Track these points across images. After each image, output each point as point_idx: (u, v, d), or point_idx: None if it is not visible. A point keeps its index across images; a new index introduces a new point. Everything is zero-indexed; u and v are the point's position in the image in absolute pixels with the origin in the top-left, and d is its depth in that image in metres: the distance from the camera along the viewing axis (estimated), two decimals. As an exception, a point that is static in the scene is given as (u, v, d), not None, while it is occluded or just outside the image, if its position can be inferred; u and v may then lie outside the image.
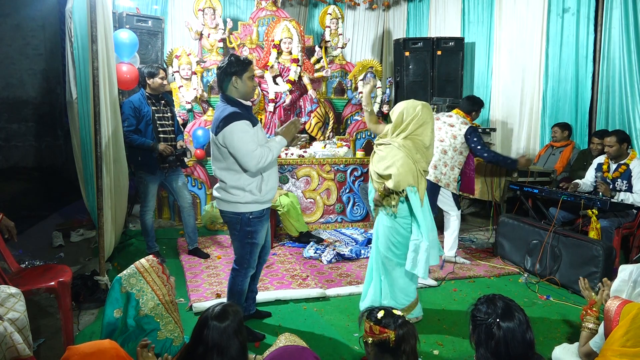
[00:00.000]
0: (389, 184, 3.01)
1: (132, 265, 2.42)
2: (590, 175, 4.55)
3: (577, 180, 4.61)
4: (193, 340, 1.93)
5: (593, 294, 2.75)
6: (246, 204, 2.79)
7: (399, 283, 3.17)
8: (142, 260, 2.45)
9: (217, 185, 2.88)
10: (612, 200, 4.06)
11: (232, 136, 2.65)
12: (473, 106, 4.40)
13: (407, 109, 3.07)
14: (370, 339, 2.03)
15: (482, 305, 1.90)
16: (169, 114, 4.28)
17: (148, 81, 4.13)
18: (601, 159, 4.48)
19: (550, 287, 3.92)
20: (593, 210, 3.93)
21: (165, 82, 4.18)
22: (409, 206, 3.04)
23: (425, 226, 3.01)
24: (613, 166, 4.33)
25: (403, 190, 3.00)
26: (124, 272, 2.40)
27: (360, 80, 6.41)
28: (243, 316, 2.01)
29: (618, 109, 4.99)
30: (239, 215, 2.81)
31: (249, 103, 2.90)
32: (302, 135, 3.10)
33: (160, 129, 4.18)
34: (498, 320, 1.81)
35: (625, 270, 2.65)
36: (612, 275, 3.61)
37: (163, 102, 4.26)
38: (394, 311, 2.06)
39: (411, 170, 3.01)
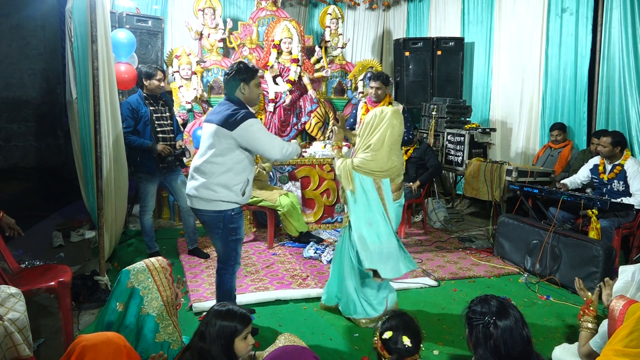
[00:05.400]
0: None
1: (142, 262, 2.42)
2: (582, 175, 4.56)
3: (564, 181, 4.63)
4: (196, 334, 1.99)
5: (589, 293, 2.75)
6: (228, 202, 2.80)
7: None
8: (153, 259, 2.45)
9: (197, 181, 2.80)
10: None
11: (252, 129, 2.72)
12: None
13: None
14: (374, 343, 2.02)
15: (477, 306, 1.90)
16: (167, 114, 4.27)
17: (145, 82, 4.12)
18: (597, 159, 4.49)
19: (550, 287, 3.92)
20: (593, 210, 3.93)
21: (162, 83, 4.16)
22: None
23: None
24: (608, 167, 4.34)
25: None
26: (133, 265, 2.39)
27: (360, 80, 6.42)
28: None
29: (618, 109, 4.99)
30: (221, 213, 2.81)
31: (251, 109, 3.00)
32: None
33: (158, 129, 4.17)
34: (494, 318, 1.82)
35: (626, 272, 2.64)
36: (612, 275, 3.62)
37: (161, 102, 4.25)
38: (404, 338, 1.95)
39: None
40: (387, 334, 1.96)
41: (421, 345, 2.00)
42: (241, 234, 2.94)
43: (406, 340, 1.94)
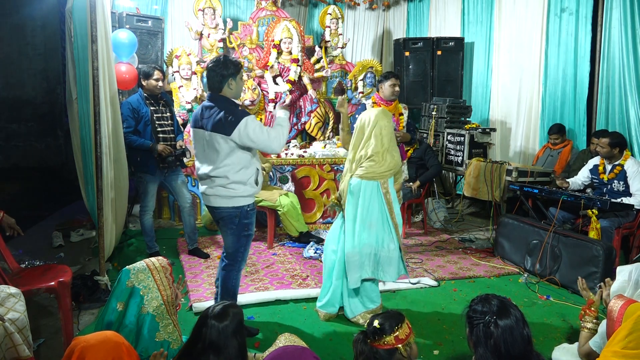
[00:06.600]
0: None
1: (142, 261, 2.42)
2: (582, 176, 4.56)
3: (568, 180, 4.63)
4: (192, 337, 1.93)
5: (591, 293, 2.75)
6: (246, 197, 2.86)
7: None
8: (153, 259, 2.46)
9: (212, 183, 2.84)
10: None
11: (248, 129, 2.72)
12: None
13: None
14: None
15: (477, 305, 1.90)
16: (167, 114, 4.28)
17: (143, 82, 4.13)
18: (596, 160, 4.50)
19: (550, 287, 3.92)
20: (593, 210, 3.93)
21: (160, 83, 4.15)
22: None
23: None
24: (608, 167, 4.34)
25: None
26: (134, 265, 2.39)
27: (360, 80, 6.42)
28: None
29: (618, 109, 4.99)
30: (238, 209, 2.86)
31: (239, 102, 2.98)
32: None
33: (159, 129, 4.18)
34: (495, 317, 1.82)
35: (623, 271, 2.65)
36: (612, 276, 3.62)
37: (162, 102, 4.25)
38: (375, 321, 2.04)
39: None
40: (376, 322, 2.06)
41: (396, 328, 2.01)
42: (252, 230, 2.98)
43: (375, 322, 2.03)
